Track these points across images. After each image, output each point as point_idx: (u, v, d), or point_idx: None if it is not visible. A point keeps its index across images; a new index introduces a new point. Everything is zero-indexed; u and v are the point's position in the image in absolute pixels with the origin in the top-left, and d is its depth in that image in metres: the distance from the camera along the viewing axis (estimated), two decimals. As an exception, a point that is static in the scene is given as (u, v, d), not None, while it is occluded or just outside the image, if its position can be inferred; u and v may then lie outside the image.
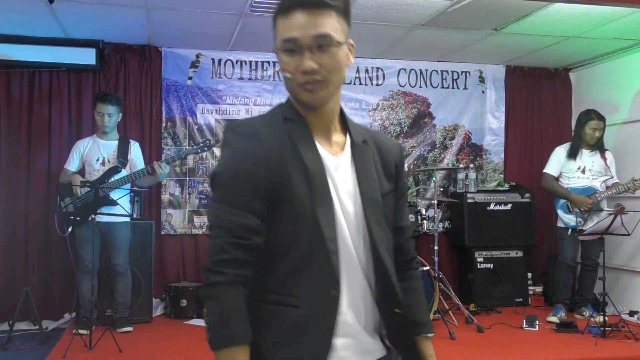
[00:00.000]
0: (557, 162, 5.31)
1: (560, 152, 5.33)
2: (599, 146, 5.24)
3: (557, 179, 5.31)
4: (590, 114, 5.21)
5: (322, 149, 1.45)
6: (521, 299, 5.74)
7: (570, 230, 5.15)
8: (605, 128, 5.27)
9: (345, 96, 5.96)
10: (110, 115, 4.69)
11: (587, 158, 5.22)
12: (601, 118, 5.20)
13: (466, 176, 5.96)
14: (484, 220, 5.73)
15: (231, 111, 5.72)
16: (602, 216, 4.61)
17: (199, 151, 4.88)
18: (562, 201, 5.22)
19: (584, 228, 4.99)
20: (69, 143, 5.08)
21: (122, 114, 4.93)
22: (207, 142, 4.89)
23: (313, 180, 1.39)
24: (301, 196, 1.38)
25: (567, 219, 5.19)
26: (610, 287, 5.30)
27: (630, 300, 5.44)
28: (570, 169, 5.23)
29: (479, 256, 5.72)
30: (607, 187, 5.15)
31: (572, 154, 5.23)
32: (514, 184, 6.07)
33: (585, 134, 5.20)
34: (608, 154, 5.26)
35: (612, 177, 5.21)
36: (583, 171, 5.20)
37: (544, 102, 6.39)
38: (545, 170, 5.37)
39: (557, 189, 5.26)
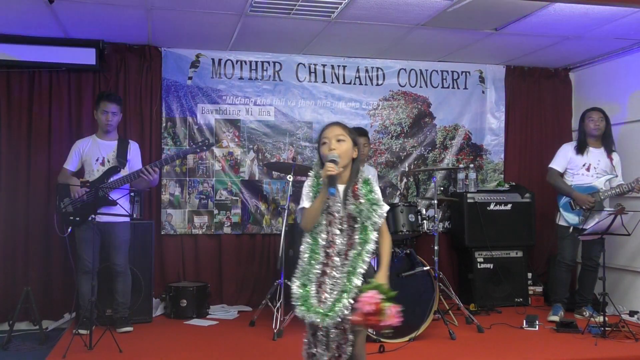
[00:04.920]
0: (563, 158, 5.30)
1: (567, 148, 5.33)
2: (606, 144, 5.24)
3: (561, 175, 5.31)
4: (588, 109, 5.32)
5: None
6: (521, 299, 5.74)
7: (571, 228, 5.14)
8: (610, 125, 5.27)
9: (345, 96, 5.97)
10: (114, 113, 4.70)
11: (594, 156, 5.21)
12: (600, 110, 5.25)
13: (466, 176, 5.96)
14: (484, 220, 5.73)
15: (231, 111, 5.73)
16: (603, 216, 4.60)
17: (198, 150, 4.87)
18: (565, 198, 5.22)
19: (584, 227, 5.00)
20: (69, 143, 5.06)
21: (122, 114, 4.93)
22: (206, 141, 4.89)
23: None
24: None
25: (569, 217, 5.18)
26: (612, 288, 5.31)
27: (631, 301, 5.44)
28: (576, 165, 5.22)
29: (479, 256, 5.72)
30: (611, 187, 5.14)
31: (580, 150, 5.23)
32: (514, 184, 6.07)
33: (586, 126, 5.23)
34: (615, 155, 5.25)
35: (617, 177, 5.20)
36: (588, 169, 5.19)
37: (544, 102, 6.38)
38: (550, 165, 5.36)
39: (561, 185, 5.25)
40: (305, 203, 2.74)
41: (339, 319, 2.60)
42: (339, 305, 2.57)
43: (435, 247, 4.89)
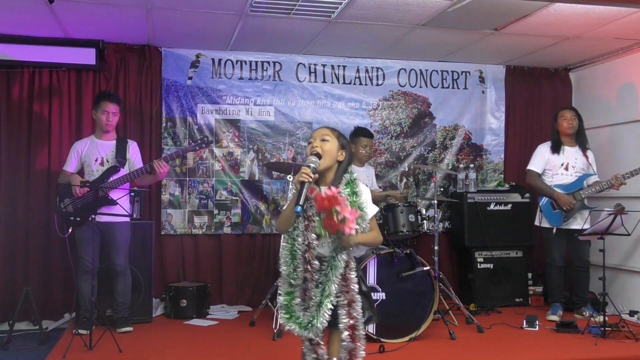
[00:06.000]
0: (540, 159, 5.32)
1: (543, 149, 5.34)
2: (580, 143, 5.27)
3: (540, 175, 5.32)
4: (561, 108, 5.42)
5: None
6: (521, 299, 5.74)
7: (554, 229, 5.15)
8: (583, 123, 5.30)
9: (345, 96, 5.96)
10: (115, 114, 4.71)
11: (570, 155, 5.23)
12: (572, 108, 5.33)
13: (466, 176, 5.96)
14: (484, 220, 5.74)
15: (231, 111, 5.72)
16: (603, 216, 4.60)
17: (197, 148, 4.87)
18: (545, 199, 5.22)
19: (570, 227, 5.06)
20: (69, 143, 5.08)
21: (121, 114, 4.93)
22: (205, 139, 4.88)
23: None
24: None
25: (551, 218, 5.18)
26: (607, 287, 5.30)
27: (626, 299, 5.44)
28: (554, 165, 5.24)
29: (479, 256, 5.72)
30: (589, 185, 5.15)
31: (555, 149, 5.25)
32: (514, 184, 6.07)
33: (559, 125, 5.26)
34: (589, 153, 5.29)
35: (595, 175, 5.22)
36: (566, 168, 5.21)
37: (544, 102, 6.39)
38: (529, 167, 5.38)
39: (541, 186, 5.26)
40: (285, 203, 2.70)
41: (321, 331, 2.56)
42: (320, 317, 2.52)
43: (435, 247, 4.89)
